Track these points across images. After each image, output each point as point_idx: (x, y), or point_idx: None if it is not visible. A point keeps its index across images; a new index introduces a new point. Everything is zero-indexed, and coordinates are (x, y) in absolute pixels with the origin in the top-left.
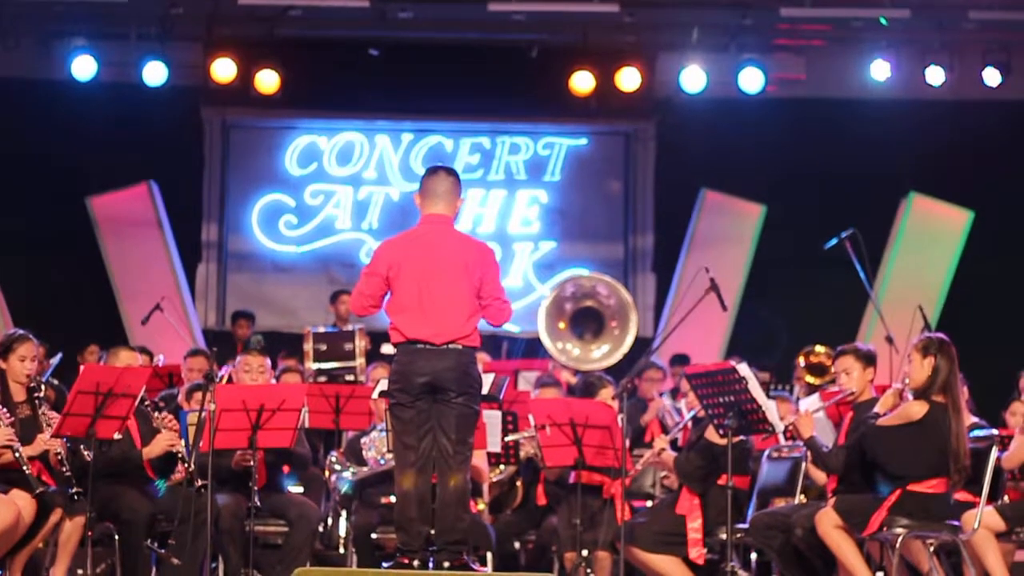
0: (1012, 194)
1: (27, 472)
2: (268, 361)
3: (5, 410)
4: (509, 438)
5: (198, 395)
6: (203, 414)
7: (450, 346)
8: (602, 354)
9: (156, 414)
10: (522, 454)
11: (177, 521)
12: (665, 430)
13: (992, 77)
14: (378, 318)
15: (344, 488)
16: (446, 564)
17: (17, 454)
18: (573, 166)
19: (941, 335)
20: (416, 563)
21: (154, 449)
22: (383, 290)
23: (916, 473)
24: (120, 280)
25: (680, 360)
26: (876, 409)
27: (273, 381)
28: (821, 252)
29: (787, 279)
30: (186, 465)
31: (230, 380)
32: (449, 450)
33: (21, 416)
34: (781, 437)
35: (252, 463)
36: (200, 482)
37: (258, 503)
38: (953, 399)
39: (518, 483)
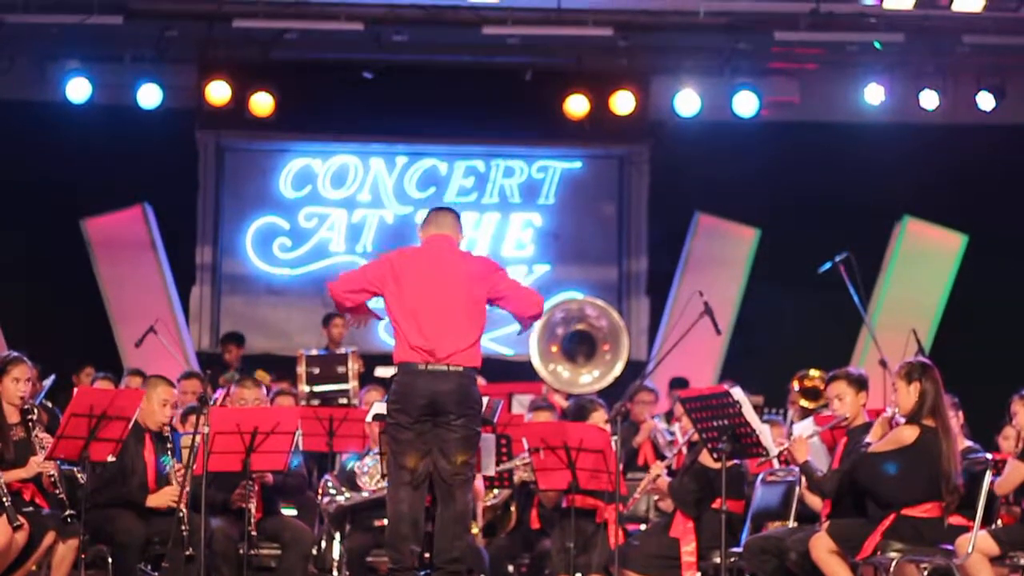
0: (1005, 218)
1: (6, 504)
2: (264, 391)
3: None
4: (502, 467)
5: (193, 418)
6: (197, 437)
7: (451, 368)
8: (592, 379)
9: (174, 461)
10: (516, 478)
11: (170, 544)
12: (657, 451)
13: (986, 101)
14: (371, 340)
15: (349, 464)
16: None
17: None
18: (567, 189)
19: (923, 359)
20: None
21: (157, 501)
22: (366, 298)
23: (909, 497)
24: (114, 302)
25: (679, 383)
26: (868, 438)
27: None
28: (815, 276)
29: (781, 303)
30: (183, 526)
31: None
32: (447, 472)
33: (15, 438)
34: (775, 462)
35: (250, 505)
36: (185, 529)
37: (253, 532)
38: (943, 422)
39: (512, 507)
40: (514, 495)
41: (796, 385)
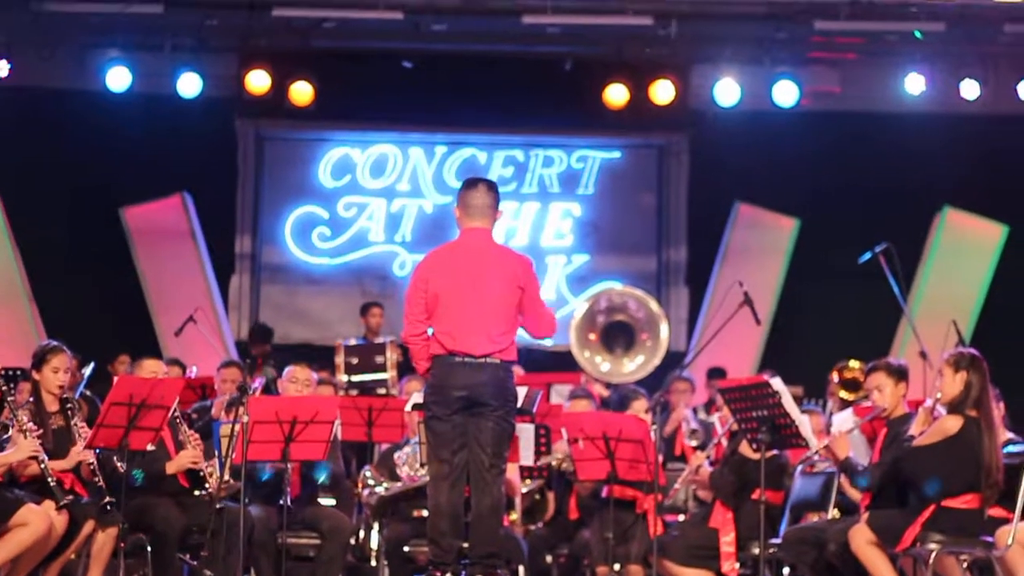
0: None
1: (52, 484)
2: (314, 375)
3: (32, 424)
4: (542, 461)
5: (234, 407)
6: (236, 426)
7: (488, 360)
8: (634, 367)
9: (183, 427)
10: (554, 463)
11: (210, 534)
12: (686, 439)
13: None
14: None
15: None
16: None
17: (43, 465)
18: (606, 179)
19: (972, 350)
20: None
21: (176, 465)
22: (425, 303)
23: (950, 488)
24: (153, 291)
25: (717, 374)
26: (911, 430)
27: None
28: (855, 266)
29: (821, 293)
30: (208, 485)
31: (265, 391)
32: (485, 464)
33: (54, 427)
34: (815, 457)
35: (286, 467)
36: (220, 504)
37: (290, 504)
38: (986, 414)
39: (548, 494)
40: (552, 483)
41: (836, 376)
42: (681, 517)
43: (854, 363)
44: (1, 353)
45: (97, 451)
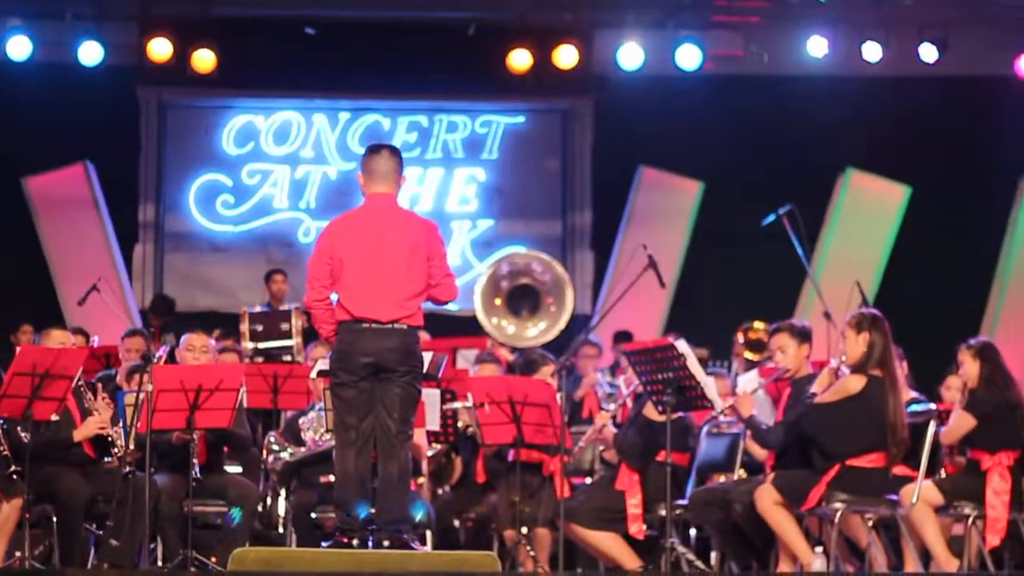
0: (949, 170)
1: None
2: (212, 342)
3: None
4: (447, 406)
5: (136, 376)
6: (140, 395)
7: (395, 325)
8: (538, 332)
9: (88, 395)
10: (460, 423)
11: (115, 503)
12: (601, 404)
13: (929, 53)
14: None
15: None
16: (386, 543)
17: None
18: (511, 144)
19: (873, 310)
20: (355, 542)
21: (84, 432)
22: (330, 270)
23: (855, 448)
24: (56, 261)
25: (623, 337)
26: (813, 389)
27: None
28: (759, 228)
29: (725, 255)
30: (116, 450)
31: (169, 360)
32: (392, 429)
33: None
34: (721, 418)
35: (192, 438)
36: (128, 468)
37: (197, 475)
38: (890, 373)
39: (455, 457)
40: (459, 447)
41: (741, 337)
42: (588, 480)
43: (759, 324)
44: None
45: (2, 421)
